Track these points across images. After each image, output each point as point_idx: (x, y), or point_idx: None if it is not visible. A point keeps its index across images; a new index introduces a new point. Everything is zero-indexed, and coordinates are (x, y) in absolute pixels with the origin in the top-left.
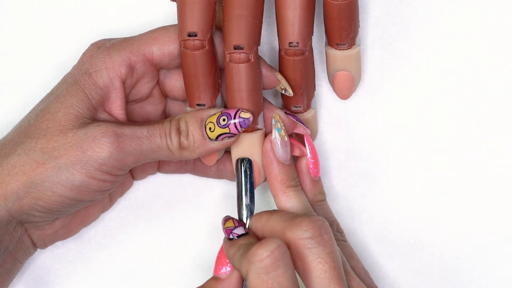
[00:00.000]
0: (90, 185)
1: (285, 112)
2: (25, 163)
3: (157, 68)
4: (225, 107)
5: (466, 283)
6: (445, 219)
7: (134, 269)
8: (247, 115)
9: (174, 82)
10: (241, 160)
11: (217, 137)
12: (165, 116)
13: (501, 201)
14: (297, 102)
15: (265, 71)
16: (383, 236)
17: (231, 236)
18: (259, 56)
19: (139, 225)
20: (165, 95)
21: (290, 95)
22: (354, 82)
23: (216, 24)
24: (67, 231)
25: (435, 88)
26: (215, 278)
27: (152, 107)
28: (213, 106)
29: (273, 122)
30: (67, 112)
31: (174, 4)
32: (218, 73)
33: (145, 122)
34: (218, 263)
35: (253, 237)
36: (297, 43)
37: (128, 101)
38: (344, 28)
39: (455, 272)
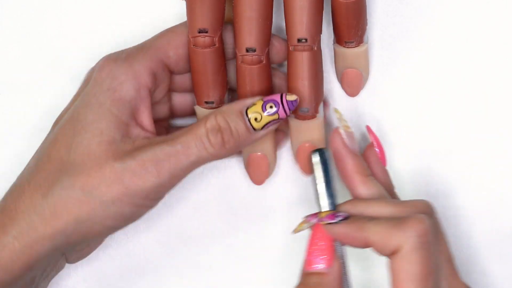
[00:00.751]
0: (140, 213)
1: None
2: (67, 202)
3: (171, 73)
4: None
5: (466, 283)
6: (445, 219)
7: (134, 269)
8: (293, 97)
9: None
10: (321, 151)
11: (263, 126)
12: (171, 112)
13: (501, 201)
14: (304, 104)
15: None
16: None
17: (337, 220)
18: None
19: (139, 225)
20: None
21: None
22: (362, 79)
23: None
24: (98, 244)
25: (435, 88)
26: (315, 274)
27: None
28: (222, 103)
29: (336, 116)
30: (100, 141)
31: (181, 2)
32: (226, 70)
33: (175, 132)
34: (312, 257)
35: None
36: (306, 39)
37: None
38: (352, 26)
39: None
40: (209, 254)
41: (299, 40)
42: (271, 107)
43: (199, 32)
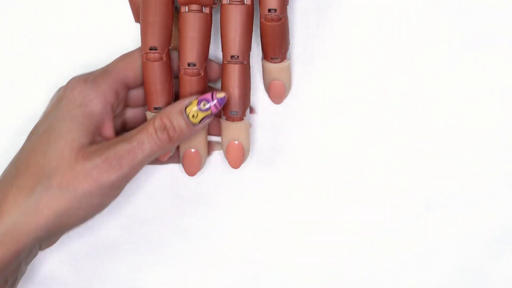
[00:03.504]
0: (107, 202)
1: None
2: (48, 199)
3: (128, 89)
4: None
5: (467, 283)
6: (445, 219)
7: (102, 251)
8: (222, 94)
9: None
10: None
11: (200, 121)
12: (124, 124)
13: (501, 201)
14: (234, 108)
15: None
16: (382, 236)
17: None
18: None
19: (103, 214)
20: (126, 106)
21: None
22: (285, 90)
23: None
24: (61, 235)
25: (346, 96)
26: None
27: (117, 120)
28: None
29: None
30: (72, 147)
31: (137, 25)
32: (172, 81)
33: (130, 132)
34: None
35: None
36: (238, 56)
37: None
38: (277, 45)
39: (455, 272)
40: (161, 233)
41: (232, 57)
42: (204, 104)
43: (150, 49)
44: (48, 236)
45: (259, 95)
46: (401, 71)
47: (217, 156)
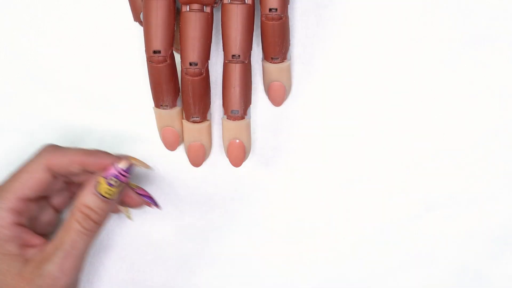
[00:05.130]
0: None
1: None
2: None
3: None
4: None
5: (467, 283)
6: (445, 219)
7: (133, 269)
8: (124, 164)
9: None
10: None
11: (116, 193)
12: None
13: (502, 201)
14: (235, 107)
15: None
16: (382, 236)
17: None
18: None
19: (139, 228)
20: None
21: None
22: (285, 91)
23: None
24: None
25: (347, 98)
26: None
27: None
28: (175, 106)
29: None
30: (12, 276)
31: (138, 24)
32: (178, 79)
33: (58, 235)
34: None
35: None
36: (239, 55)
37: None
38: (277, 44)
39: (455, 272)
40: (161, 233)
41: (233, 56)
42: (112, 180)
43: (154, 53)
44: None
45: (259, 95)
46: (401, 71)
47: (218, 155)
